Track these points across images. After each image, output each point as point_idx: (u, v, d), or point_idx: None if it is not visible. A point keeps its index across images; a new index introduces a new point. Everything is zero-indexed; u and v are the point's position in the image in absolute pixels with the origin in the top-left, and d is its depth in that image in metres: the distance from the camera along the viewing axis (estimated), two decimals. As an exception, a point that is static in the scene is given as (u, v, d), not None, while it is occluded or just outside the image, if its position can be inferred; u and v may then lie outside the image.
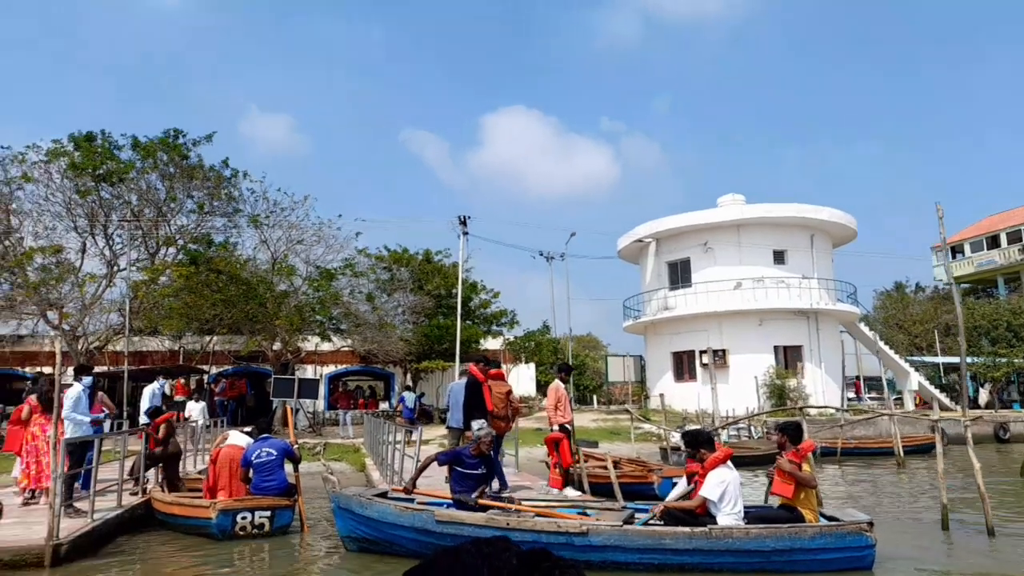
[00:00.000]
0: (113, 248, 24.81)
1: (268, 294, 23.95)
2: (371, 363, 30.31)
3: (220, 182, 25.06)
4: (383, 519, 7.19)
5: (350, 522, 7.42)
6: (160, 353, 28.59)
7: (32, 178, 22.80)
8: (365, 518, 7.28)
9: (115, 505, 8.32)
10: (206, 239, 25.17)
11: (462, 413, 9.53)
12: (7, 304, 24.05)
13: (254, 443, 8.51)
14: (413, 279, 30.22)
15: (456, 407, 10.00)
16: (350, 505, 7.38)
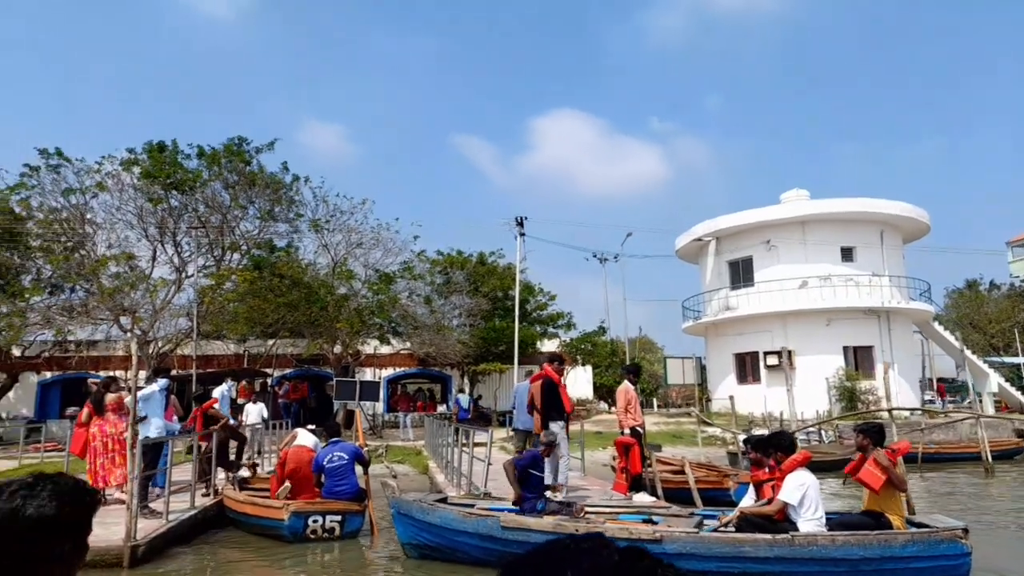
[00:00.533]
0: (181, 255, 25.61)
1: (329, 297, 24.31)
2: (428, 366, 30.46)
3: (280, 188, 25.59)
4: (446, 525, 7.01)
5: (411, 528, 7.27)
6: (226, 357, 29.34)
7: (106, 187, 23.70)
8: (426, 524, 7.12)
9: (188, 506, 8.44)
10: (269, 244, 25.72)
11: (531, 414, 9.40)
12: (83, 310, 25.05)
13: (325, 447, 8.51)
14: (468, 281, 30.26)
15: (522, 408, 9.90)
16: (410, 511, 7.22)
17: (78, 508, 1.30)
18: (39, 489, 1.27)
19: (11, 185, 23.86)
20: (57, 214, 24.57)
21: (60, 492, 1.28)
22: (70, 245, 24.54)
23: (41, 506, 1.25)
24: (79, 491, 1.32)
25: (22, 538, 1.23)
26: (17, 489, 1.27)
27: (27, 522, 1.23)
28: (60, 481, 1.31)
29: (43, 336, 27.27)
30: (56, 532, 1.25)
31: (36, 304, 25.28)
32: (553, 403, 9.07)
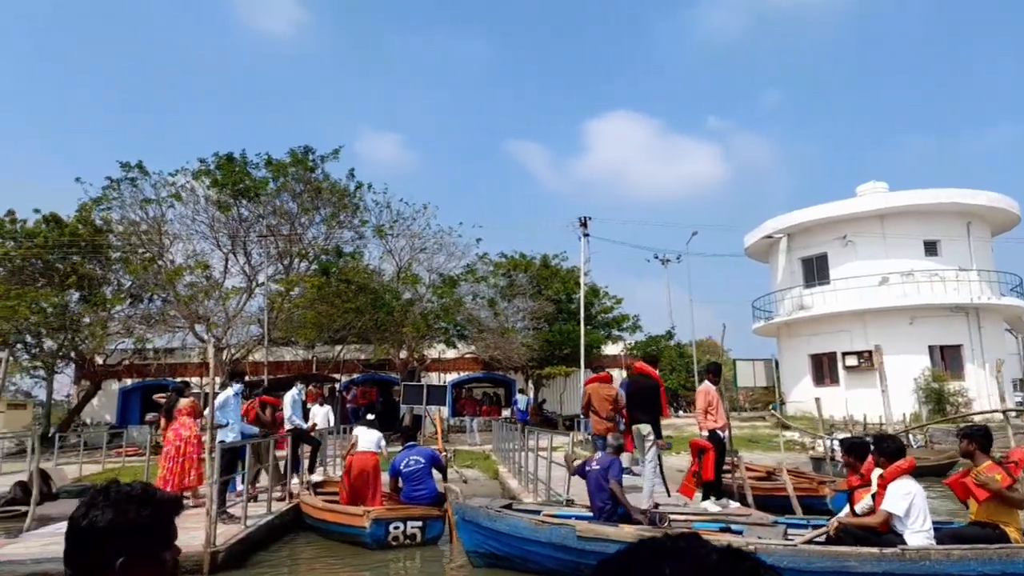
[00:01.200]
0: (252, 263, 26.29)
1: (395, 302, 24.45)
2: (493, 370, 30.34)
3: (345, 195, 25.94)
4: (515, 533, 6.61)
5: (476, 536, 6.93)
6: (295, 363, 29.90)
7: (181, 197, 24.49)
8: (493, 532, 6.75)
9: (265, 511, 8.41)
10: (336, 250, 26.08)
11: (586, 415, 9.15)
12: (160, 318, 25.95)
13: (401, 451, 8.36)
14: (532, 284, 30.01)
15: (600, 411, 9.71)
16: (476, 518, 6.87)
17: (128, 517, 1.31)
18: (99, 499, 1.33)
19: (95, 198, 24.89)
20: (136, 226, 25.53)
21: (117, 501, 1.32)
22: (148, 256, 25.45)
23: (95, 516, 1.29)
24: (140, 498, 1.34)
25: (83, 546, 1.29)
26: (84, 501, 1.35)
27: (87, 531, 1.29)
28: (121, 490, 1.35)
29: (123, 345, 28.42)
30: (114, 539, 1.28)
31: (117, 314, 26.34)
32: (648, 406, 8.70)
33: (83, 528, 1.31)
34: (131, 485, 1.38)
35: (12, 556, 6.13)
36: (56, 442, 18.32)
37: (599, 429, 9.56)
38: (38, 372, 29.00)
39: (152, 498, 1.37)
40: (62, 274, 27.14)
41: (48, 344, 27.33)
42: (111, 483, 1.39)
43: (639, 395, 8.93)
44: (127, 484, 1.38)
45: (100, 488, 1.37)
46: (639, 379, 9.08)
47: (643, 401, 8.85)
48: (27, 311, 24.44)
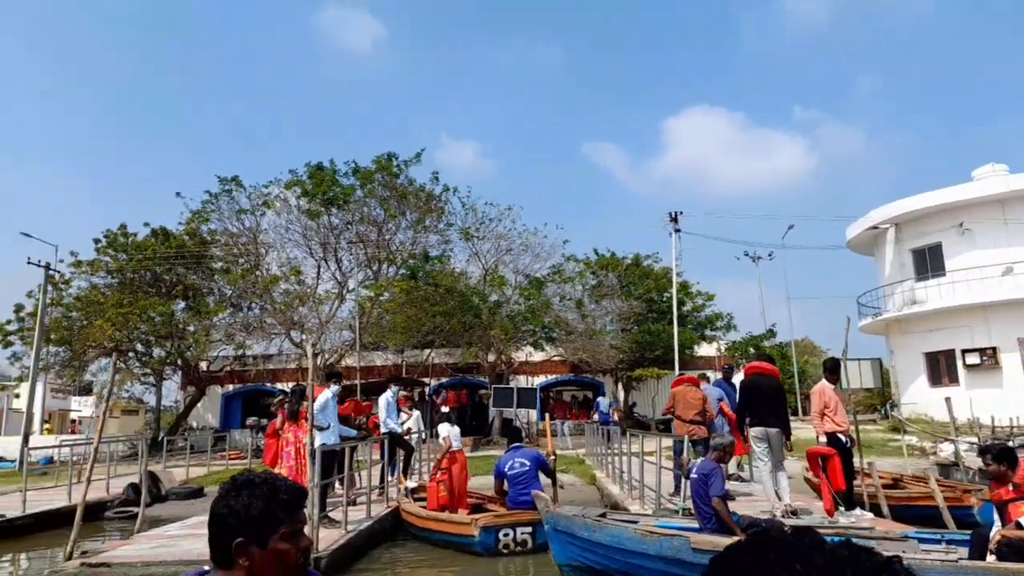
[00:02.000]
0: (343, 270, 26.87)
1: (482, 305, 24.33)
2: (581, 372, 29.79)
3: (431, 199, 26.10)
4: (619, 545, 5.97)
5: (571, 547, 6.30)
6: (386, 367, 30.30)
7: (273, 206, 25.26)
8: (592, 543, 6.11)
9: (364, 515, 8.23)
10: (423, 255, 26.24)
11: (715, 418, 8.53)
12: (259, 325, 26.84)
13: (506, 453, 8.02)
14: (621, 284, 29.28)
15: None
16: (571, 528, 6.24)
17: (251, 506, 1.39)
18: (235, 486, 1.42)
19: (195, 211, 26.02)
20: (235, 238, 26.55)
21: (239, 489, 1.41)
22: (247, 266, 26.41)
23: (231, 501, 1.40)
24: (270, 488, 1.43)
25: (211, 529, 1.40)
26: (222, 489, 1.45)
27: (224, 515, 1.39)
28: (248, 481, 1.43)
29: (225, 351, 29.61)
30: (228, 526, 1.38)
31: (219, 322, 27.45)
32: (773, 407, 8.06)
33: (220, 512, 1.41)
34: (256, 475, 1.47)
35: (123, 558, 6.16)
36: (164, 445, 19.07)
37: (681, 432, 9.42)
38: (148, 379, 30.56)
39: (268, 486, 1.45)
40: (169, 284, 28.59)
41: (157, 352, 28.79)
42: (246, 472, 1.48)
43: (761, 396, 8.27)
44: (256, 475, 1.46)
45: (235, 477, 1.46)
46: (759, 379, 8.41)
47: (767, 402, 8.21)
48: (138, 320, 25.82)
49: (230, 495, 1.42)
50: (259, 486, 1.43)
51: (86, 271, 27.74)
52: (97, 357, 27.85)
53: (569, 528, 6.27)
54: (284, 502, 1.44)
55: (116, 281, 28.24)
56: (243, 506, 1.39)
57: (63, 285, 27.89)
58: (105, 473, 13.96)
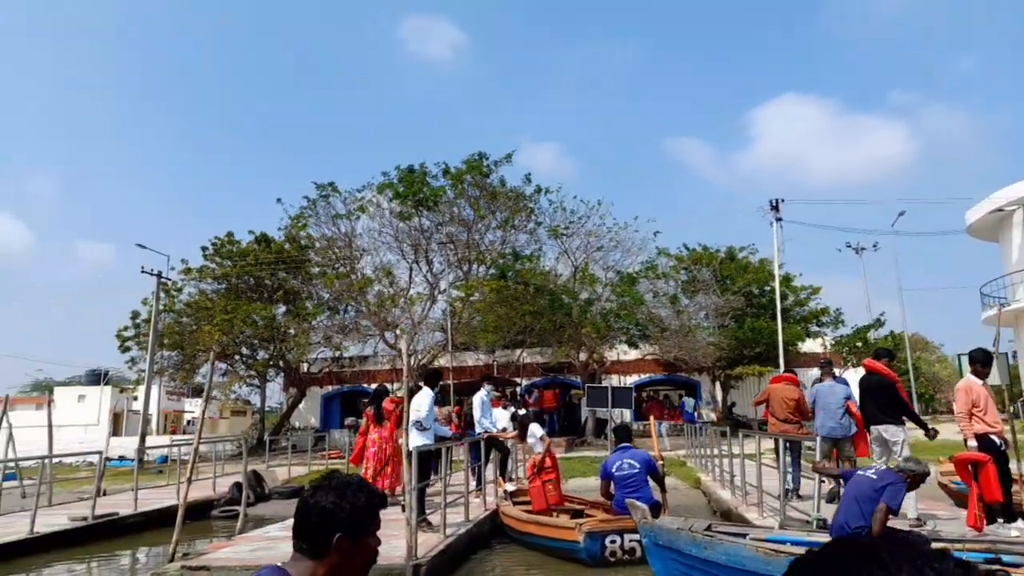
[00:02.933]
0: (433, 271, 27.08)
1: (573, 303, 23.86)
2: (675, 371, 28.78)
3: (520, 199, 25.86)
4: (737, 565, 5.12)
5: (675, 565, 5.53)
6: (477, 367, 30.30)
7: (367, 210, 25.70)
8: (703, 562, 5.30)
9: (463, 518, 7.94)
10: (513, 253, 26.04)
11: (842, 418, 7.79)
12: (354, 326, 27.40)
13: (613, 454, 7.52)
14: (716, 278, 28.06)
15: (827, 412, 8.61)
16: (676, 543, 5.46)
17: (347, 502, 1.51)
18: (324, 483, 1.55)
19: (293, 216, 26.83)
20: (331, 242, 27.23)
21: (335, 487, 1.53)
22: (342, 270, 27.02)
23: (321, 497, 1.51)
24: (356, 487, 1.55)
25: (307, 522, 1.51)
26: (315, 483, 1.58)
27: (314, 511, 1.51)
28: (341, 479, 1.57)
29: (323, 353, 30.43)
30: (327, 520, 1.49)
31: (317, 324, 28.23)
32: (890, 405, 7.30)
33: (311, 506, 1.51)
34: (350, 476, 1.58)
35: (222, 561, 6.10)
36: (267, 445, 19.61)
37: (775, 430, 9.29)
38: (253, 381, 31.78)
39: (366, 488, 1.58)
40: (271, 289, 29.64)
41: (261, 355, 29.90)
42: (333, 472, 1.60)
43: (873, 395, 7.57)
44: (347, 476, 1.58)
45: (325, 476, 1.56)
46: (870, 378, 7.69)
47: (879, 401, 7.48)
48: (242, 324, 26.88)
49: (340, 491, 1.52)
50: (359, 485, 1.56)
51: (195, 278, 29.12)
52: (206, 360, 29.19)
53: (673, 543, 5.51)
54: (379, 502, 1.59)
55: (222, 287, 29.50)
56: (351, 503, 1.50)
57: (175, 292, 29.38)
58: (212, 472, 14.39)
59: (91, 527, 9.59)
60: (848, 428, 8.84)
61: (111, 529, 9.93)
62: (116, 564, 8.76)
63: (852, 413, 9.07)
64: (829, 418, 8.54)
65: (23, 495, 14.52)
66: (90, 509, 9.96)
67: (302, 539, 1.51)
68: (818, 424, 8.69)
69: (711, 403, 28.57)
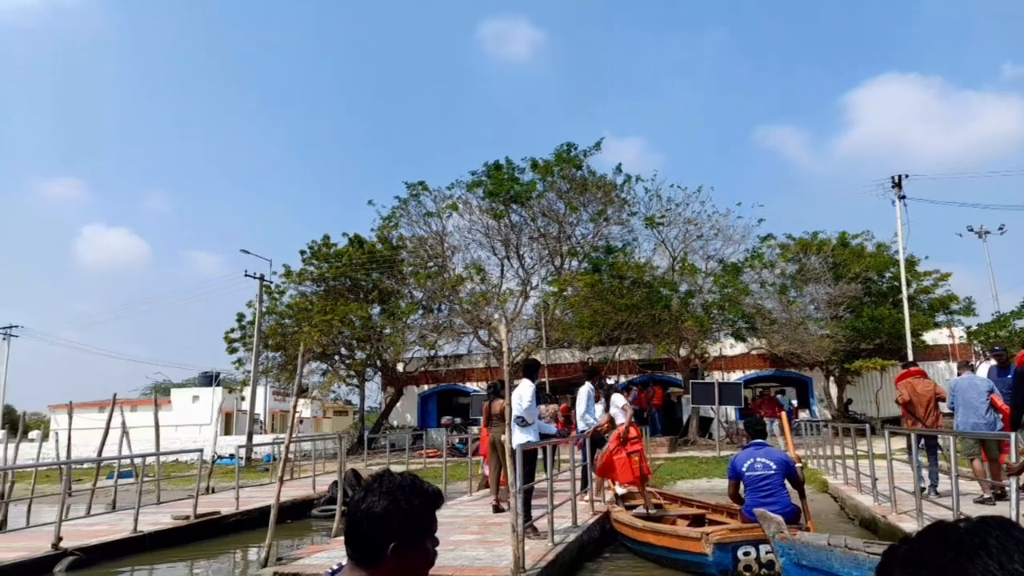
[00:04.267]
0: (525, 267, 26.60)
1: (672, 295, 22.71)
2: (784, 367, 27.01)
3: (612, 189, 24.97)
4: None
5: None
6: (572, 365, 29.54)
7: (457, 207, 25.52)
8: None
9: (570, 524, 7.25)
10: (606, 246, 25.17)
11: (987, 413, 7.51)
12: (447, 325, 27.30)
13: (744, 450, 6.61)
14: (827, 267, 26.09)
15: (969, 407, 7.93)
16: (827, 563, 4.50)
17: (400, 507, 1.40)
18: (375, 486, 1.43)
19: (385, 216, 27.01)
20: (423, 241, 27.25)
21: (386, 491, 1.41)
22: (434, 269, 26.98)
23: (372, 502, 1.40)
24: (409, 489, 1.43)
25: (357, 529, 1.40)
26: (364, 486, 1.46)
27: (365, 518, 1.39)
28: (392, 480, 1.45)
29: (418, 352, 30.56)
30: (378, 527, 1.37)
31: (411, 323, 28.32)
32: None
33: (361, 512, 1.40)
34: (402, 476, 1.46)
35: (315, 567, 5.71)
36: (365, 444, 19.62)
37: (915, 428, 8.45)
38: (352, 380, 32.32)
39: (420, 490, 1.45)
40: (366, 290, 30.04)
41: (359, 355, 30.34)
42: (384, 473, 1.48)
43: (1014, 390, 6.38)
44: (398, 475, 1.46)
45: (375, 477, 1.45)
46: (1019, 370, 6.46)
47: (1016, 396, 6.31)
48: (340, 324, 27.30)
49: (392, 495, 1.41)
50: (412, 487, 1.44)
51: (295, 281, 29.89)
52: (308, 361, 29.87)
53: (824, 563, 4.53)
54: (435, 502, 1.48)
55: (320, 289, 30.15)
56: (405, 509, 1.40)
57: (276, 295, 30.25)
58: (312, 471, 14.37)
59: (193, 526, 9.56)
60: (994, 424, 7.80)
61: (212, 528, 9.88)
62: (213, 565, 8.64)
63: (998, 407, 7.87)
64: (971, 413, 7.72)
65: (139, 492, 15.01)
66: (193, 508, 9.94)
67: (355, 548, 1.41)
68: (959, 421, 7.72)
69: (824, 400, 26.66)
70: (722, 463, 17.05)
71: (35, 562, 7.00)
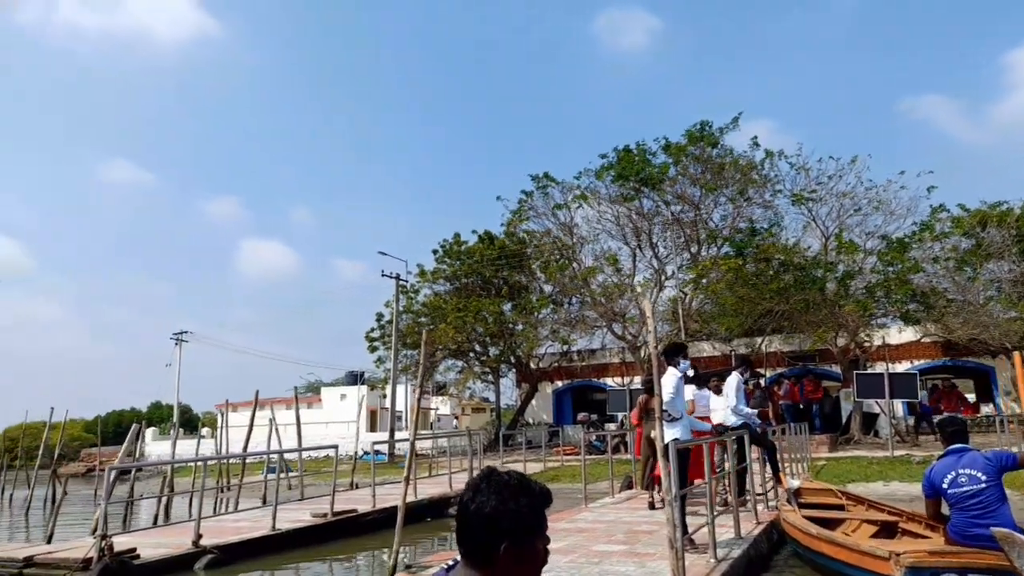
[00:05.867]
0: (659, 256, 25.30)
1: (829, 276, 20.62)
2: (960, 355, 23.89)
3: (752, 168, 23.14)
4: None
5: None
6: (714, 358, 27.85)
7: (586, 197, 24.71)
8: None
9: (733, 535, 6.25)
10: (749, 228, 23.35)
11: None
12: (580, 319, 26.54)
13: (941, 460, 5.28)
14: (1011, 240, 22.69)
15: None
16: None
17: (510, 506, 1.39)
18: (483, 485, 1.43)
19: (513, 210, 26.67)
20: (549, 235, 26.67)
21: (496, 489, 1.41)
22: (563, 262, 26.32)
23: (481, 501, 1.39)
24: (512, 489, 1.42)
25: (468, 529, 1.39)
26: (472, 484, 1.46)
27: (475, 517, 1.39)
28: (501, 478, 1.44)
29: (551, 348, 30.05)
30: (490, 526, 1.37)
31: (543, 318, 27.82)
32: None
33: (471, 512, 1.39)
34: (509, 475, 1.45)
35: None
36: (500, 441, 19.27)
37: None
38: (487, 377, 32.38)
39: (528, 489, 1.45)
40: (497, 286, 29.98)
41: (492, 351, 30.31)
42: (491, 471, 1.47)
43: None
44: (506, 473, 1.45)
45: (482, 475, 1.44)
46: None
47: None
48: (473, 321, 27.34)
49: (500, 494, 1.40)
50: (520, 485, 1.44)
51: (429, 280, 30.38)
52: (444, 358, 30.24)
53: None
54: (544, 501, 1.46)
55: (453, 287, 30.46)
56: (513, 508, 1.39)
57: (412, 294, 30.87)
58: (449, 468, 14.11)
59: (330, 524, 9.42)
60: None
61: (349, 526, 9.72)
62: (344, 566, 8.41)
63: None
64: None
65: (289, 487, 15.48)
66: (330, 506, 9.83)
67: (466, 547, 1.39)
68: None
69: (1011, 392, 23.32)
70: (897, 464, 15.09)
71: (176, 559, 7.00)
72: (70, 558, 6.51)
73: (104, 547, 6.22)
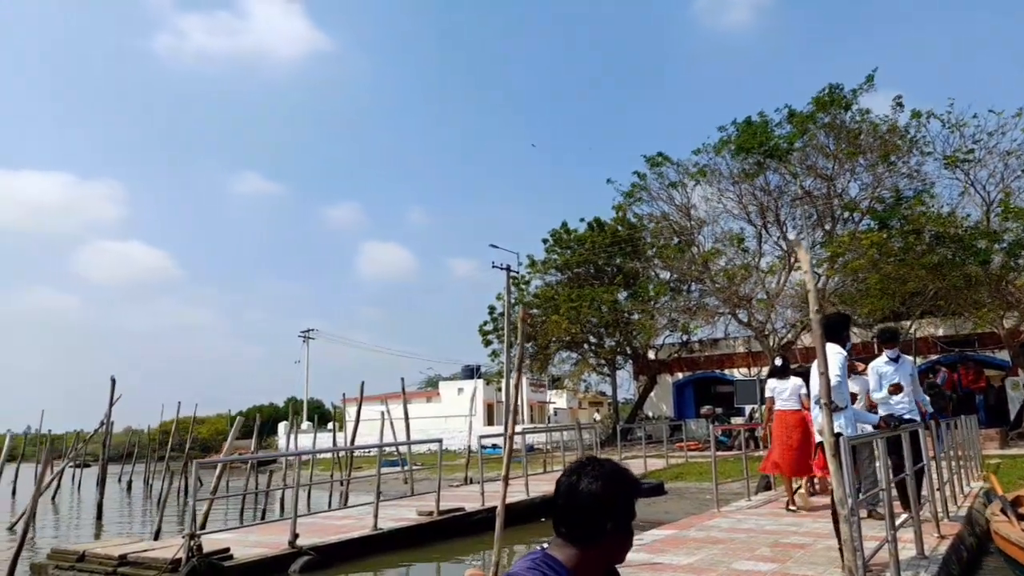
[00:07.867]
0: (786, 235, 23.23)
1: (993, 247, 18.03)
2: None
3: (893, 132, 20.63)
4: None
5: None
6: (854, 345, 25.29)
7: (705, 174, 23.12)
8: None
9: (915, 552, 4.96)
10: (895, 196, 20.85)
11: None
12: (700, 305, 24.89)
13: None
14: None
15: None
16: None
17: (617, 489, 1.48)
18: (589, 468, 1.50)
19: (625, 192, 25.41)
20: (666, 216, 25.14)
21: (603, 473, 1.48)
22: (681, 245, 24.78)
23: (590, 483, 1.46)
24: (617, 475, 1.50)
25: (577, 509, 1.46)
26: (575, 468, 1.53)
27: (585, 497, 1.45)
28: (604, 464, 1.52)
29: (670, 338, 28.55)
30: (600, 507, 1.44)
31: (661, 306, 26.38)
32: None
33: (581, 493, 1.46)
34: (608, 461, 1.53)
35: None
36: (618, 436, 18.20)
37: None
38: (603, 369, 31.31)
39: (629, 475, 1.54)
40: (610, 274, 28.88)
41: (607, 342, 29.20)
42: (591, 459, 1.54)
43: None
44: (605, 459, 1.54)
45: (584, 462, 1.52)
46: None
47: None
48: (587, 311, 26.37)
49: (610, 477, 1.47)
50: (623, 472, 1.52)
51: (539, 271, 29.73)
52: (558, 350, 29.48)
53: None
54: (638, 492, 1.54)
55: (564, 277, 29.64)
56: (624, 491, 1.48)
57: (523, 286, 30.31)
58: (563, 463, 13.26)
59: (435, 524, 8.80)
60: None
61: (456, 525, 9.06)
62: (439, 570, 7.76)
63: None
64: None
65: (404, 481, 15.20)
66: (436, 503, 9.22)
67: (568, 525, 1.46)
68: None
69: None
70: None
71: (270, 560, 6.57)
72: (160, 558, 6.22)
73: (193, 547, 5.85)
